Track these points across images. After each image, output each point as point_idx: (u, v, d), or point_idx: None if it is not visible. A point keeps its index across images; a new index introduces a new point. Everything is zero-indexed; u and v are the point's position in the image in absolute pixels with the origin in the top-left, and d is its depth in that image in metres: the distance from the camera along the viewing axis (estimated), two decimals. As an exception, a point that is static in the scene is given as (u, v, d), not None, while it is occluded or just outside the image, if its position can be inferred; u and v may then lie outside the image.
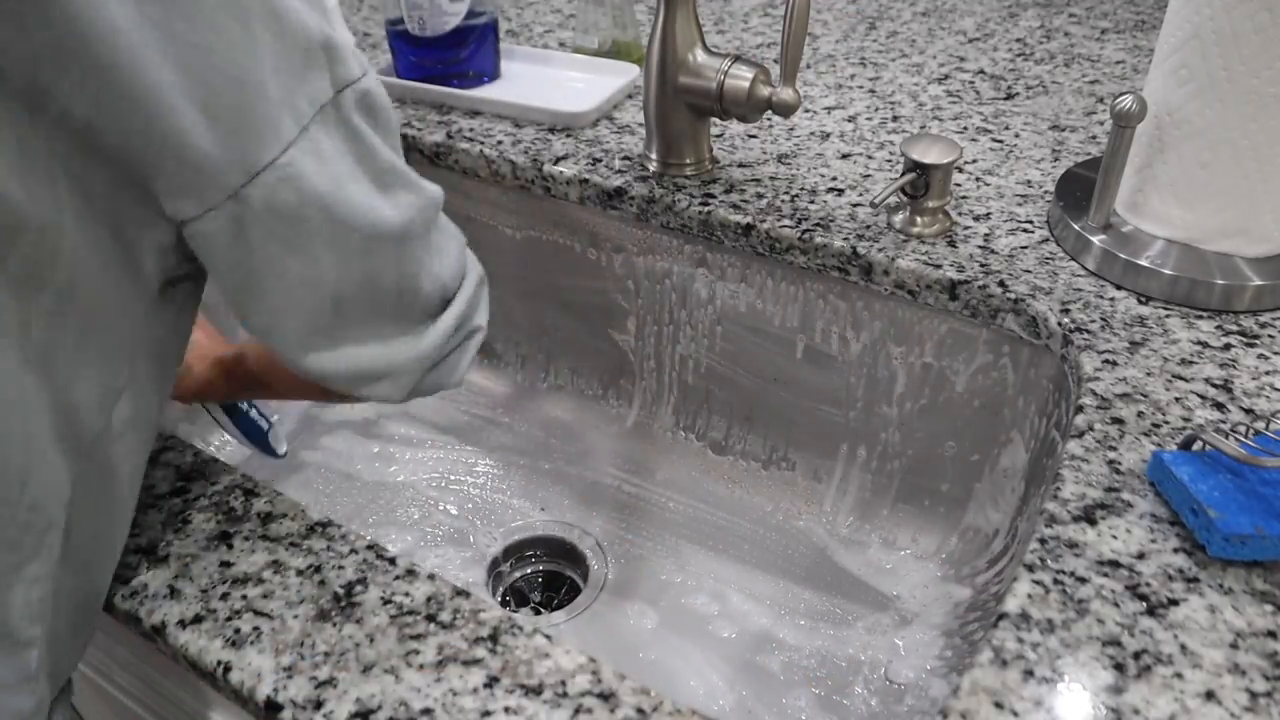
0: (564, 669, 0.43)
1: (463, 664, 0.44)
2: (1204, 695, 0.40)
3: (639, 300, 0.83)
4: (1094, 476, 0.50)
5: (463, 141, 0.85)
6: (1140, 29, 1.05)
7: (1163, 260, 0.63)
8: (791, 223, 0.71)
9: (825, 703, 0.66)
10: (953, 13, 1.12)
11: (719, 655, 0.70)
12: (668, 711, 0.41)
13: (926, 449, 0.73)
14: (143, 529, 0.51)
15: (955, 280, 0.65)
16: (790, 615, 0.72)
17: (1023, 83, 0.93)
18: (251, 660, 0.44)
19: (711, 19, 1.11)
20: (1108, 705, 0.40)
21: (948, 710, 0.40)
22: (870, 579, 0.74)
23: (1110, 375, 0.57)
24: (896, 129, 0.85)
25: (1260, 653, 0.42)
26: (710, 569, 0.76)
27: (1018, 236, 0.69)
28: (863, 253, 0.68)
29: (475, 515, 0.82)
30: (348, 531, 0.51)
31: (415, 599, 0.47)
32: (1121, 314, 0.61)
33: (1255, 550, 0.44)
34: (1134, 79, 0.93)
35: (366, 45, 1.06)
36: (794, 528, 0.79)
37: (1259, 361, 0.57)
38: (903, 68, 0.97)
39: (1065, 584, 0.45)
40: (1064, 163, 0.78)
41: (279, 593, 0.47)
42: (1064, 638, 0.42)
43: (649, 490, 0.83)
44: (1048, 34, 1.05)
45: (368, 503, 0.82)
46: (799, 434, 0.79)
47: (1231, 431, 0.49)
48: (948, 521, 0.73)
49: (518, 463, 0.86)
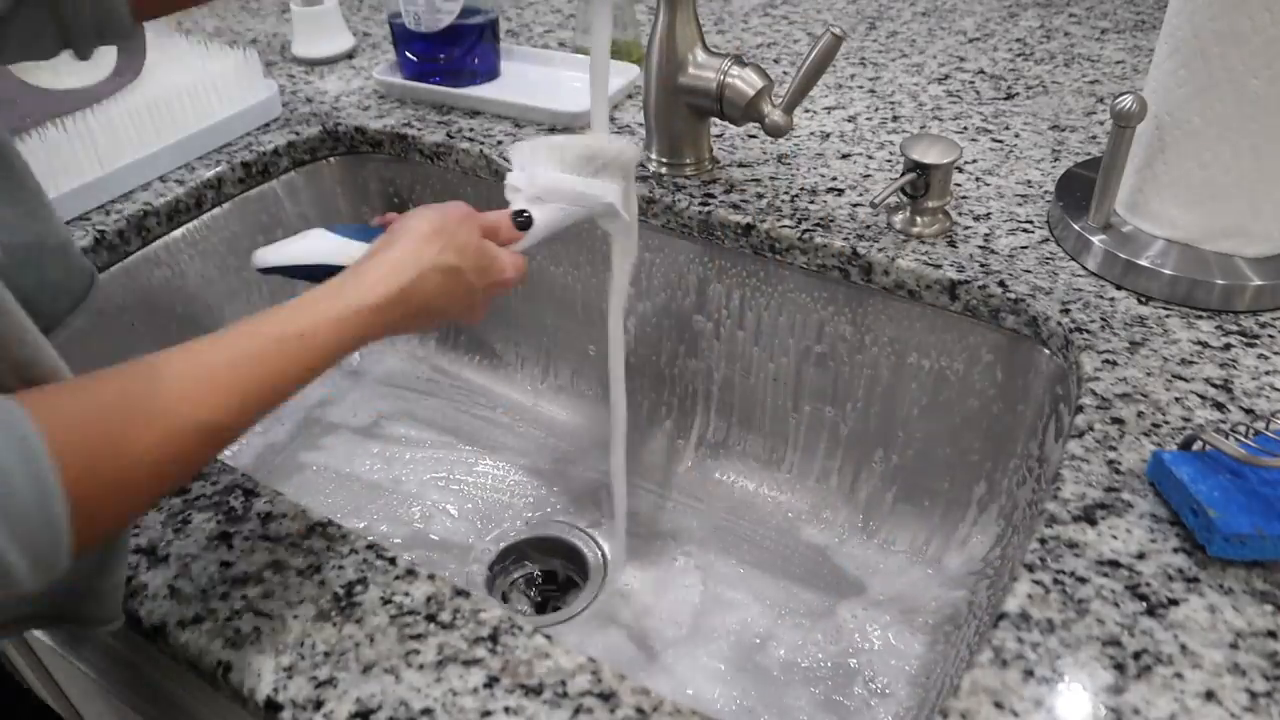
0: (564, 669, 0.43)
1: (463, 664, 0.44)
2: (1204, 695, 0.40)
3: (639, 300, 0.83)
4: (1094, 476, 0.50)
5: (463, 141, 0.85)
6: (1140, 29, 1.05)
7: (1163, 260, 0.63)
8: (791, 223, 0.71)
9: (825, 703, 0.66)
10: (953, 13, 1.12)
11: (719, 655, 0.70)
12: (668, 711, 0.41)
13: (926, 449, 0.73)
14: (143, 529, 0.51)
15: (955, 280, 0.65)
16: (790, 615, 0.72)
17: (1023, 83, 0.93)
18: (251, 660, 0.44)
19: (711, 19, 1.11)
20: (1108, 705, 0.40)
21: (948, 710, 0.40)
22: (870, 579, 0.74)
23: (1110, 375, 0.57)
24: (896, 129, 0.85)
25: (1260, 653, 0.42)
26: (710, 569, 0.76)
27: (1018, 236, 0.69)
28: (863, 253, 0.68)
29: (475, 516, 0.82)
30: (348, 531, 0.51)
31: (415, 599, 0.47)
32: (1121, 314, 0.61)
33: (1255, 550, 0.44)
34: (1134, 79, 0.93)
35: (366, 45, 1.06)
36: (794, 528, 0.79)
37: (1259, 361, 0.57)
38: (903, 68, 0.97)
39: (1065, 584, 0.45)
40: (1064, 163, 0.78)
41: (279, 593, 0.47)
42: (1064, 638, 0.42)
43: (649, 490, 0.83)
44: (1048, 34, 1.05)
45: (368, 503, 0.82)
46: (799, 434, 0.79)
47: (1231, 431, 0.49)
48: (947, 521, 0.73)
49: (518, 463, 0.86)
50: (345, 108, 0.92)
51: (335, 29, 1.02)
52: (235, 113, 0.85)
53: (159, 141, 0.80)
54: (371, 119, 0.90)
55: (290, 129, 0.88)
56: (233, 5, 1.21)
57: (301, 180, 0.89)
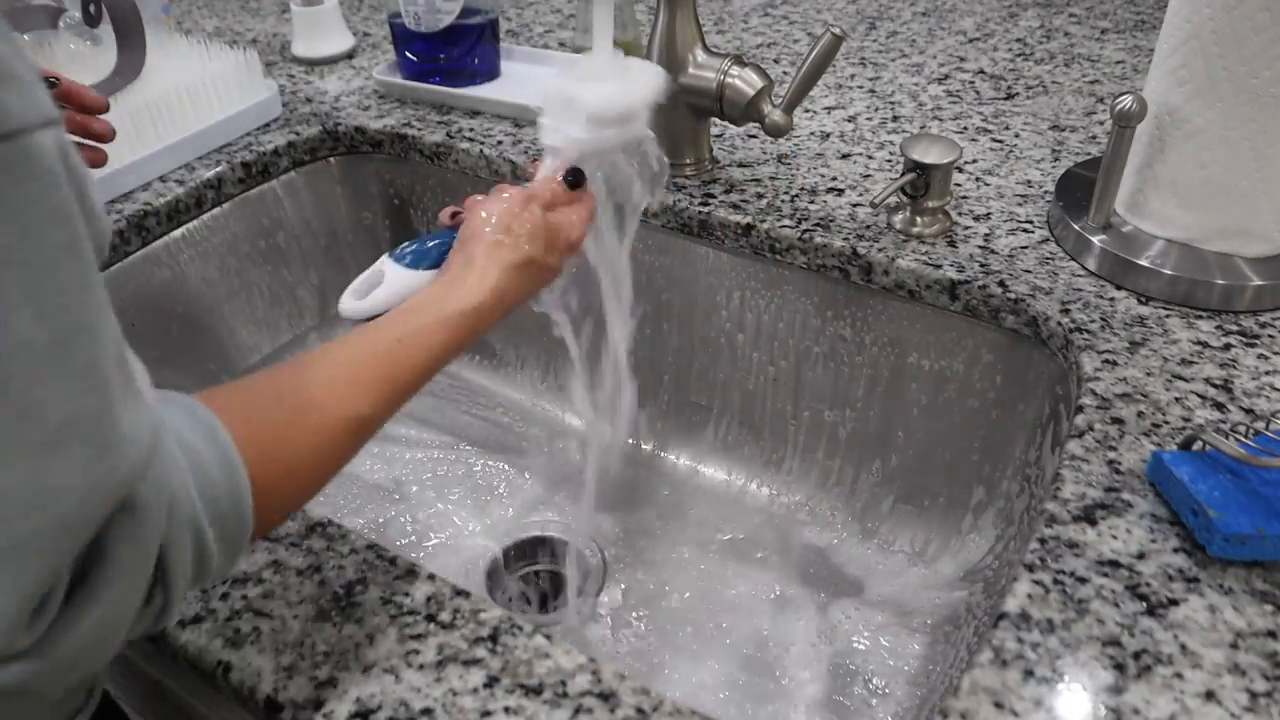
0: (564, 669, 0.43)
1: (463, 664, 0.44)
2: (1204, 695, 0.40)
3: (639, 301, 0.83)
4: (1094, 476, 0.50)
5: (463, 141, 0.85)
6: (1140, 29, 1.05)
7: (1163, 260, 0.63)
8: (791, 223, 0.71)
9: (825, 703, 0.66)
10: (953, 13, 1.12)
11: (719, 655, 0.69)
12: (668, 711, 0.41)
13: (926, 449, 0.73)
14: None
15: (955, 280, 0.65)
16: (790, 615, 0.72)
17: (1023, 83, 0.93)
18: (251, 660, 0.44)
19: (711, 19, 1.11)
20: (1108, 705, 0.40)
21: (948, 710, 0.40)
22: (870, 579, 0.74)
23: (1110, 375, 0.57)
24: (896, 129, 0.85)
25: (1260, 653, 0.42)
26: (710, 569, 0.76)
27: (1018, 236, 0.69)
28: (863, 253, 0.68)
29: (475, 516, 0.82)
30: (348, 531, 0.51)
31: (415, 599, 0.47)
32: (1121, 314, 0.61)
33: (1255, 550, 0.44)
34: (1134, 79, 0.93)
35: (366, 45, 1.06)
36: (794, 528, 0.79)
37: (1259, 361, 0.57)
38: (903, 68, 0.97)
39: (1065, 584, 0.45)
40: (1064, 163, 0.78)
41: (279, 593, 0.47)
42: (1064, 638, 0.42)
43: (649, 491, 0.83)
44: (1048, 34, 1.05)
45: (368, 503, 0.82)
46: (799, 435, 0.79)
47: (1231, 431, 0.49)
48: (947, 522, 0.73)
49: (518, 463, 0.86)
50: (345, 108, 0.92)
51: (335, 29, 1.02)
52: (235, 113, 0.85)
53: (159, 141, 0.80)
54: (371, 119, 0.90)
55: (290, 129, 0.88)
56: (233, 5, 1.21)
57: (301, 180, 0.89)
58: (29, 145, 0.26)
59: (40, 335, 0.26)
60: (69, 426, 0.27)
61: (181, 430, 0.33)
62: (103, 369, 0.28)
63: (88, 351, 0.28)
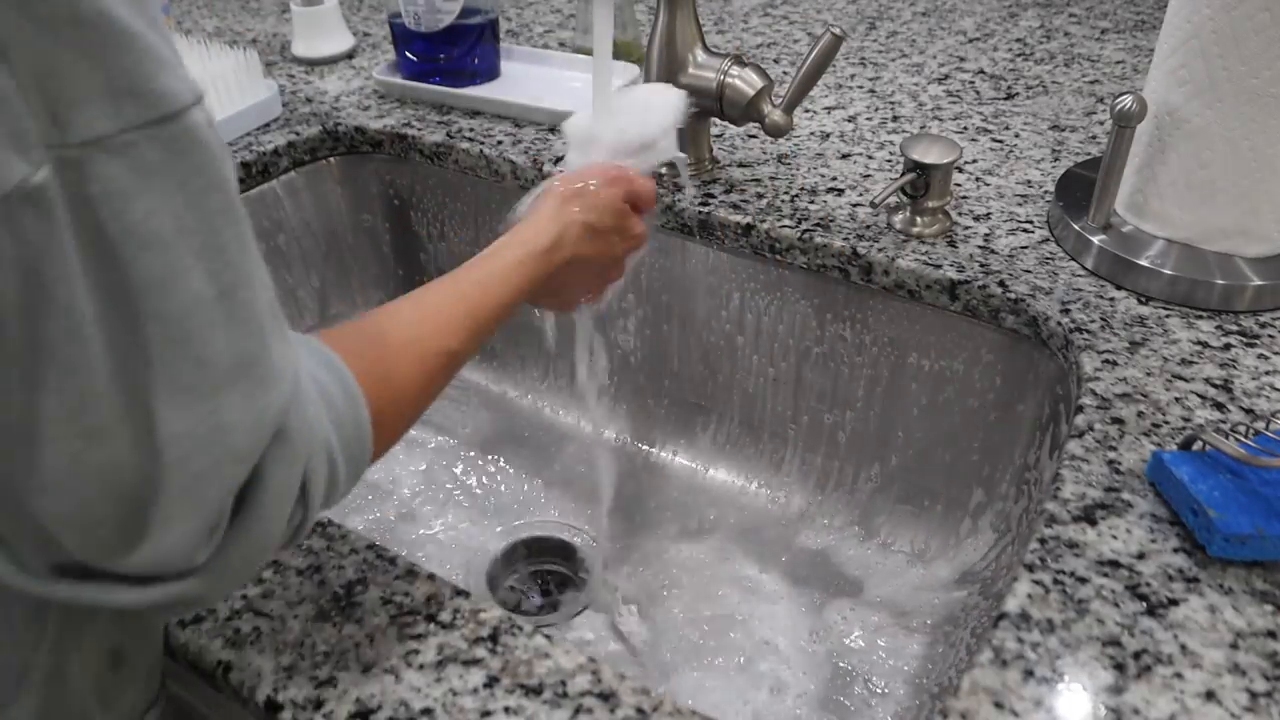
0: (564, 669, 0.43)
1: (463, 664, 0.44)
2: (1204, 695, 0.40)
3: (639, 301, 0.83)
4: (1094, 476, 0.50)
5: (463, 141, 0.85)
6: (1140, 29, 1.05)
7: (1163, 260, 0.63)
8: (791, 223, 0.71)
9: (825, 703, 0.66)
10: (953, 13, 1.12)
11: (718, 655, 0.70)
12: (668, 711, 0.41)
13: (926, 450, 0.73)
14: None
15: (955, 280, 0.65)
16: (790, 615, 0.72)
17: (1023, 83, 0.93)
18: (251, 660, 0.44)
19: (711, 19, 1.11)
20: (1108, 705, 0.40)
21: (948, 710, 0.40)
22: (869, 579, 0.74)
23: (1110, 375, 0.57)
24: (896, 129, 0.85)
25: (1260, 653, 0.42)
26: (710, 569, 0.76)
27: (1018, 236, 0.69)
28: (863, 253, 0.68)
29: (475, 515, 0.82)
30: (348, 531, 0.51)
31: (415, 599, 0.47)
32: (1121, 314, 0.61)
33: (1255, 550, 0.44)
34: (1134, 79, 0.93)
35: (367, 45, 1.06)
36: (794, 528, 0.79)
37: (1259, 361, 0.57)
38: (903, 68, 0.97)
39: (1065, 584, 0.45)
40: (1064, 163, 0.78)
41: (279, 593, 0.47)
42: (1064, 638, 0.42)
43: (649, 490, 0.83)
44: (1048, 34, 1.05)
45: (368, 503, 0.82)
46: (799, 435, 0.79)
47: (1231, 431, 0.49)
48: (947, 522, 0.73)
49: (518, 463, 0.86)
50: (345, 108, 0.92)
51: (335, 29, 1.02)
52: (235, 113, 0.85)
53: (159, 141, 0.80)
54: (371, 119, 0.90)
55: (290, 129, 0.88)
56: (233, 5, 1.21)
57: (301, 180, 0.89)
58: (189, 122, 0.28)
59: (210, 290, 0.29)
60: (237, 369, 0.30)
61: (311, 366, 0.37)
62: (260, 314, 0.31)
63: (248, 300, 0.31)
